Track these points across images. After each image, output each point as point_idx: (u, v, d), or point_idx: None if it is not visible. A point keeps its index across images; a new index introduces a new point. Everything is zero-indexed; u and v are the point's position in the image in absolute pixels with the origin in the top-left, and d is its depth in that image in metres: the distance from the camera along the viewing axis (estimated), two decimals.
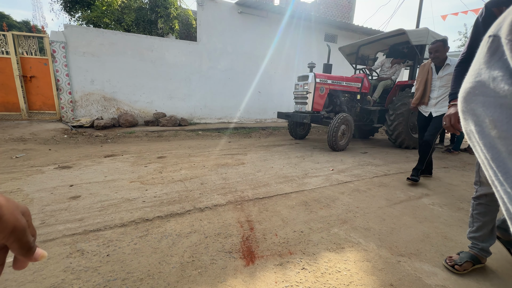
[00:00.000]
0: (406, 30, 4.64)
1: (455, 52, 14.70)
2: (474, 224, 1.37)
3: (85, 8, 7.83)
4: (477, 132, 0.27)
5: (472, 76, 0.27)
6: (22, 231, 0.31)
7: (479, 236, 1.35)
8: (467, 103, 0.27)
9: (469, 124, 0.28)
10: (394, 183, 2.86)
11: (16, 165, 3.01)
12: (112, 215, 1.83)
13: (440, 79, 2.79)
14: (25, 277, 1.21)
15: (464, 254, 1.38)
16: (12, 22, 23.31)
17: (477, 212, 1.35)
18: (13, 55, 5.26)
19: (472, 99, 0.27)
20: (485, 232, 1.34)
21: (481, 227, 1.34)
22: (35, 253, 0.33)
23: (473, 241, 1.39)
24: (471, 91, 0.27)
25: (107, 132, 5.23)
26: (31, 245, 0.32)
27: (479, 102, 0.26)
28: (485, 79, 0.25)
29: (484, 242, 1.35)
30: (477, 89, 0.26)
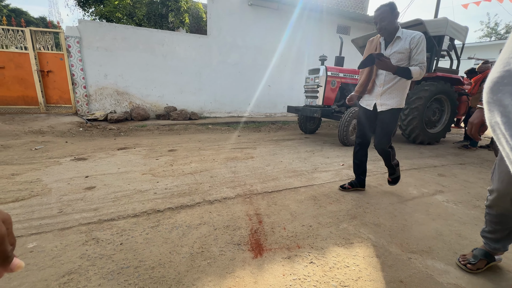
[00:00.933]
0: (424, 20, 4.44)
1: (476, 43, 13.98)
2: (487, 227, 1.30)
3: (98, 3, 7.96)
4: (503, 123, 0.26)
5: (500, 65, 0.26)
6: (1, 239, 0.30)
7: (492, 238, 1.29)
8: (493, 93, 0.26)
9: (495, 116, 0.27)
10: (407, 179, 2.79)
11: (35, 156, 3.14)
12: (125, 206, 1.89)
13: (389, 58, 1.97)
14: (45, 262, 1.27)
15: (478, 252, 1.32)
16: (30, 18, 24.04)
17: (488, 219, 1.28)
18: (31, 50, 5.44)
19: (500, 89, 0.25)
20: (498, 236, 1.27)
21: (493, 231, 1.27)
22: (11, 263, 0.32)
23: (484, 240, 1.33)
24: (499, 80, 0.25)
25: (120, 126, 5.36)
26: (8, 255, 0.31)
27: (507, 92, 0.24)
28: None
29: (497, 243, 1.28)
30: (506, 79, 0.25)
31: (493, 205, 1.21)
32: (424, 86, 4.72)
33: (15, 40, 5.37)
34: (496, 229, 1.25)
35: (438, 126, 5.17)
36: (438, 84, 4.75)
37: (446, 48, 4.98)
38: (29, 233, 1.51)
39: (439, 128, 5.14)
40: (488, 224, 1.29)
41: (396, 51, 1.97)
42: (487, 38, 21.38)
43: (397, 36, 1.97)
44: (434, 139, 5.08)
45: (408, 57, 1.96)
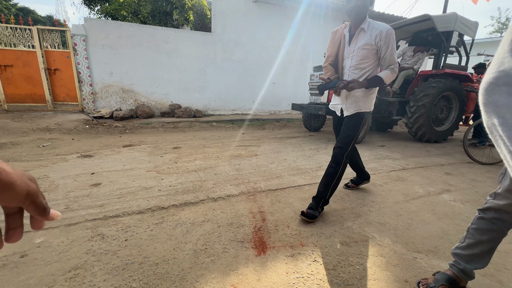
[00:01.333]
0: (432, 15, 4.34)
1: (487, 39, 13.64)
2: (466, 240, 1.12)
3: (104, 1, 8.00)
4: (500, 125, 0.25)
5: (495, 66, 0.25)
6: (35, 194, 0.34)
7: (466, 255, 1.11)
8: (489, 94, 0.26)
9: (491, 117, 0.26)
10: (413, 177, 2.75)
11: (43, 153, 3.20)
12: (130, 202, 1.91)
13: (352, 55, 1.73)
14: (52, 257, 1.30)
15: (440, 276, 1.16)
16: (37, 17, 24.35)
17: (474, 228, 1.10)
18: (38, 48, 5.51)
19: (495, 90, 0.25)
20: (475, 252, 1.09)
21: (473, 245, 1.09)
22: (50, 213, 0.36)
23: (456, 259, 1.15)
24: (494, 81, 0.25)
25: (126, 123, 5.41)
26: (45, 206, 0.35)
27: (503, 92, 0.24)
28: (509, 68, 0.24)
29: (469, 263, 1.10)
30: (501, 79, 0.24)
31: (491, 208, 1.06)
32: (431, 83, 4.63)
33: (23, 39, 5.44)
34: (478, 242, 1.08)
35: (446, 124, 5.08)
36: (446, 81, 4.65)
37: (455, 44, 4.86)
38: None
39: (446, 126, 5.04)
40: (468, 236, 1.12)
41: (360, 46, 1.69)
42: (498, 34, 20.84)
43: (361, 27, 1.66)
44: (441, 137, 4.99)
45: (374, 54, 1.69)
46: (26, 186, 0.32)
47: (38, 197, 0.34)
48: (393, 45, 1.66)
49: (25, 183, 0.33)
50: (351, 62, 1.76)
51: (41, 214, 0.35)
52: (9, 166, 0.32)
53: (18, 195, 0.31)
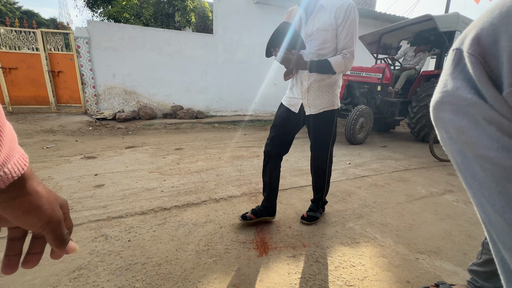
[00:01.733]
0: (434, 15, 4.33)
1: None
2: (482, 256, 1.03)
3: (106, 4, 8.08)
4: (447, 139, 0.28)
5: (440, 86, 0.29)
6: (57, 222, 0.32)
7: (483, 272, 1.02)
8: (436, 111, 0.29)
9: (441, 132, 0.29)
10: (415, 178, 2.74)
11: (47, 155, 3.23)
12: (133, 203, 1.93)
13: (310, 38, 1.41)
14: None
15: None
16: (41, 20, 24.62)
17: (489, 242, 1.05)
18: (42, 51, 5.57)
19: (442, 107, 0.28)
20: (494, 269, 0.97)
21: (490, 261, 1.01)
22: (67, 246, 0.34)
23: (473, 276, 1.07)
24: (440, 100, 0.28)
25: (128, 124, 5.44)
26: (64, 238, 0.33)
27: (448, 110, 0.27)
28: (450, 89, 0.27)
29: (487, 281, 1.01)
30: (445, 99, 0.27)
31: None
32: (433, 83, 4.62)
33: (27, 42, 5.51)
34: None
35: None
36: None
37: None
38: None
39: None
40: (484, 252, 1.03)
41: (319, 28, 1.38)
42: None
43: (320, 4, 1.38)
44: None
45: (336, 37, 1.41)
46: (51, 213, 0.31)
47: (60, 227, 0.32)
48: (352, 25, 1.36)
49: (52, 209, 0.31)
50: (310, 48, 1.43)
51: (57, 246, 0.33)
52: (45, 188, 0.31)
53: (39, 221, 0.30)
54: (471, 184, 0.27)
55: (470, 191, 0.27)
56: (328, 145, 1.58)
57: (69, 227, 0.35)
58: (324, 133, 1.57)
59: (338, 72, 1.42)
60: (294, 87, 1.60)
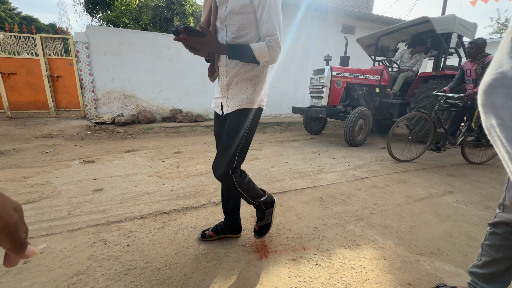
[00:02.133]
0: (430, 17, 4.37)
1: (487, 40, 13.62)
2: (482, 258, 1.03)
3: (105, 9, 8.13)
4: (498, 126, 0.25)
5: (493, 67, 0.26)
6: (14, 227, 0.30)
7: (483, 274, 1.01)
8: (487, 96, 0.26)
9: (490, 118, 0.26)
10: (415, 179, 2.74)
11: (46, 159, 3.22)
12: (132, 208, 1.92)
13: (225, 23, 1.15)
14: (54, 263, 1.30)
15: None
16: (40, 25, 24.73)
17: (488, 244, 1.01)
18: (41, 56, 5.59)
19: (494, 91, 0.25)
20: (493, 271, 0.99)
21: (489, 263, 1.00)
22: (26, 250, 0.32)
23: (473, 278, 1.06)
24: (492, 83, 0.25)
25: (127, 128, 5.44)
26: (23, 241, 0.32)
27: (501, 94, 0.24)
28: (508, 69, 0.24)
29: (487, 284, 1.01)
30: (499, 81, 0.25)
31: (501, 222, 0.97)
32: (432, 84, 4.64)
33: (26, 47, 5.53)
34: (494, 259, 0.99)
35: (447, 126, 5.06)
36: (447, 82, 4.65)
37: (455, 46, 4.88)
38: (39, 234, 1.55)
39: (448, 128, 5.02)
40: (484, 254, 1.03)
41: (232, 10, 1.11)
42: (498, 35, 20.86)
43: None
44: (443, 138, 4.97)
45: (255, 21, 1.15)
46: (6, 217, 0.30)
47: (17, 230, 0.31)
48: (273, 7, 1.11)
49: (7, 214, 0.30)
50: (226, 35, 1.17)
51: (15, 251, 0.31)
52: None
53: None
54: None
55: None
56: (231, 151, 1.21)
57: (25, 231, 0.34)
58: (232, 134, 1.21)
59: (262, 63, 1.16)
60: (217, 84, 1.35)
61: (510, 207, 0.94)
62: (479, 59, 3.34)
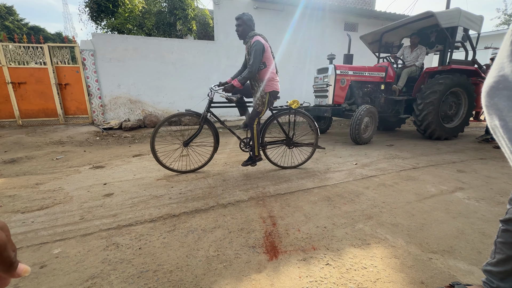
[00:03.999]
0: (435, 12, 4.31)
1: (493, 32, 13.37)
2: (496, 256, 1.01)
3: (110, 16, 8.27)
4: (501, 127, 0.26)
5: (495, 70, 0.26)
6: (2, 246, 0.30)
7: (498, 272, 0.99)
8: (490, 97, 0.27)
9: (493, 119, 0.27)
10: (424, 176, 2.70)
11: (57, 166, 3.30)
12: (142, 211, 1.95)
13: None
14: (70, 267, 1.33)
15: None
16: (47, 34, 25.32)
17: (501, 241, 0.98)
18: (49, 65, 5.72)
19: (496, 93, 0.26)
20: (508, 269, 0.97)
21: (504, 261, 0.98)
22: (17, 269, 0.31)
23: (488, 276, 1.04)
24: (495, 85, 0.26)
25: (134, 133, 5.52)
26: (13, 260, 0.31)
27: (503, 96, 0.25)
28: (509, 72, 0.24)
29: (503, 282, 0.99)
30: (501, 83, 0.25)
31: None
32: (438, 79, 4.57)
33: (35, 56, 5.67)
34: (510, 255, 0.96)
35: (455, 121, 4.98)
36: (454, 77, 4.58)
37: (461, 39, 4.80)
38: (54, 239, 1.59)
39: (456, 123, 4.95)
40: (497, 251, 1.00)
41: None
42: (505, 26, 20.39)
43: None
44: (452, 134, 4.90)
45: None
46: None
47: (6, 250, 0.30)
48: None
49: None
50: None
51: (6, 271, 0.30)
52: None
53: None
54: None
55: None
56: None
57: (14, 249, 0.32)
58: None
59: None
60: None
61: None
62: None
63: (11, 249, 0.31)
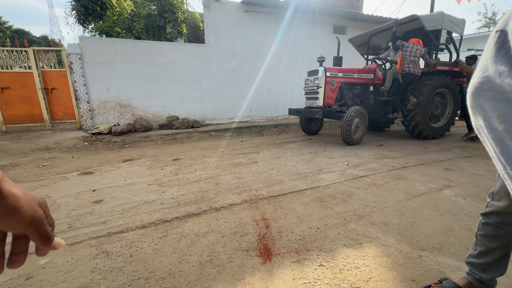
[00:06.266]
0: (420, 15, 4.45)
1: (475, 34, 13.88)
2: (477, 248, 1.04)
3: (97, 19, 8.13)
4: (485, 127, 0.27)
5: (480, 71, 0.27)
6: (40, 221, 0.32)
7: (480, 264, 1.03)
8: (475, 98, 0.28)
9: (478, 119, 0.28)
10: (413, 175, 2.77)
11: (43, 173, 3.20)
12: (133, 217, 1.91)
13: None
14: (57, 278, 1.29)
15: (448, 284, 1.07)
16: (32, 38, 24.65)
17: (481, 234, 1.02)
18: (34, 69, 5.57)
19: (480, 94, 0.27)
20: (489, 260, 1.01)
21: (485, 253, 1.01)
22: (53, 242, 0.35)
23: (470, 268, 1.07)
24: (479, 86, 0.27)
25: (124, 138, 5.42)
26: (49, 234, 0.34)
27: (487, 96, 0.26)
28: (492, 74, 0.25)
29: (485, 272, 1.02)
30: (485, 84, 0.26)
31: (493, 212, 0.98)
32: (424, 80, 4.71)
33: (19, 60, 5.51)
34: (489, 249, 1.00)
35: (442, 120, 5.13)
36: (439, 78, 4.73)
37: (444, 42, 4.96)
38: None
39: (442, 122, 5.10)
40: (478, 244, 1.04)
41: None
42: (486, 29, 21.24)
43: None
44: (439, 133, 5.04)
45: None
46: (32, 213, 0.31)
47: (43, 224, 0.33)
48: None
49: (32, 209, 0.31)
50: None
51: (43, 243, 0.34)
52: (20, 190, 0.32)
53: (21, 221, 0.30)
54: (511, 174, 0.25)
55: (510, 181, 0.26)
56: None
57: (51, 224, 0.36)
58: None
59: None
60: None
61: (499, 193, 0.97)
62: None
63: (49, 224, 0.35)
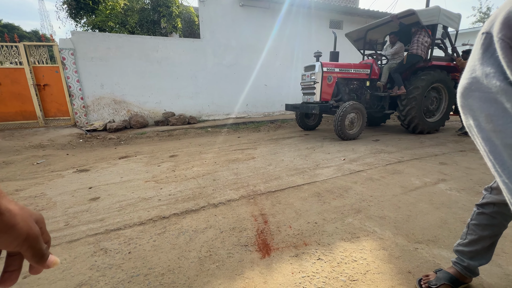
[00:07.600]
0: (416, 10, 4.44)
1: (470, 29, 13.95)
2: (468, 237, 1.09)
3: (90, 14, 7.95)
4: (475, 126, 0.28)
5: (468, 72, 0.28)
6: (35, 238, 0.31)
7: (469, 252, 1.09)
8: (464, 98, 0.28)
9: (468, 119, 0.29)
10: (409, 169, 2.80)
11: (38, 171, 3.15)
12: (131, 214, 1.90)
13: None
14: (55, 276, 1.28)
15: (442, 274, 1.14)
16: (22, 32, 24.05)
17: (475, 223, 1.07)
18: (26, 65, 5.45)
19: (469, 94, 0.27)
20: (477, 248, 1.06)
21: (475, 241, 1.07)
22: (47, 260, 0.34)
23: (458, 256, 1.13)
24: (468, 86, 0.27)
25: (120, 134, 5.37)
26: (44, 252, 0.33)
27: (476, 97, 0.26)
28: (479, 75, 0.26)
29: (473, 260, 1.08)
30: (473, 85, 0.27)
31: (489, 203, 1.02)
32: (420, 75, 4.73)
33: (10, 56, 5.38)
34: (480, 237, 1.05)
35: (437, 115, 5.18)
36: (435, 73, 4.75)
37: (440, 37, 4.98)
38: None
39: (438, 117, 5.15)
40: (470, 233, 1.09)
41: None
42: (480, 24, 21.36)
43: None
44: (434, 127, 5.09)
45: None
46: (27, 229, 0.30)
47: (38, 242, 0.32)
48: None
49: (28, 226, 0.31)
50: None
51: (37, 262, 0.33)
52: (17, 205, 0.31)
53: (16, 238, 0.29)
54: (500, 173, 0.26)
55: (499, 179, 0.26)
56: None
57: (47, 241, 0.35)
58: None
59: None
60: None
61: (498, 188, 0.99)
62: None
63: (45, 241, 0.34)
